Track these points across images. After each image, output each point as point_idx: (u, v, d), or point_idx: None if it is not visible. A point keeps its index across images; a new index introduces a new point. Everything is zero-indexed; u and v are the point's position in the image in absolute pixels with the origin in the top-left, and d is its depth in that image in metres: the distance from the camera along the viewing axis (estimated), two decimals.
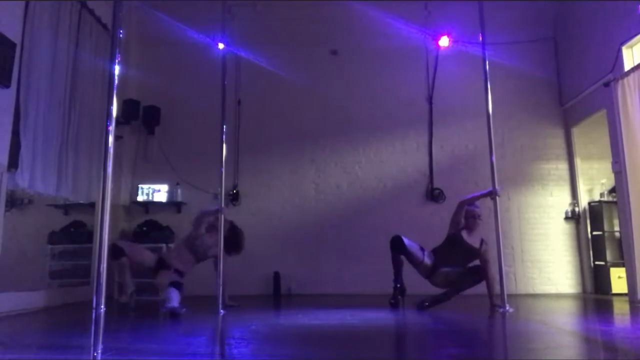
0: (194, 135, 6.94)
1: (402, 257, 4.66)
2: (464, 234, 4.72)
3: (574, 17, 6.73)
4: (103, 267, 2.17)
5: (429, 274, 4.73)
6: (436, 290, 4.77)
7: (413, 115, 7.05)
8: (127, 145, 6.85)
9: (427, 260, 4.70)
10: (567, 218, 6.75)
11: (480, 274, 4.66)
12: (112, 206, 2.20)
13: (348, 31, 7.17)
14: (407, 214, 6.69)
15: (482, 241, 4.75)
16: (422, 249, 4.75)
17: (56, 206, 6.35)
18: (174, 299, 4.32)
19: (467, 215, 4.75)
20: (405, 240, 4.66)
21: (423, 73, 7.15)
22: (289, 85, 6.92)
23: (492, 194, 4.56)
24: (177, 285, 4.52)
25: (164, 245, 6.44)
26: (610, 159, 5.65)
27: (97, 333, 2.08)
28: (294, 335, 3.18)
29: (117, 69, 2.37)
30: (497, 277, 4.46)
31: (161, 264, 4.79)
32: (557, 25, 7.15)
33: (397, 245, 4.64)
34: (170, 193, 6.85)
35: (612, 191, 6.28)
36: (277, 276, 6.52)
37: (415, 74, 7.14)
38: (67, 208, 6.46)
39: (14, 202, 5.77)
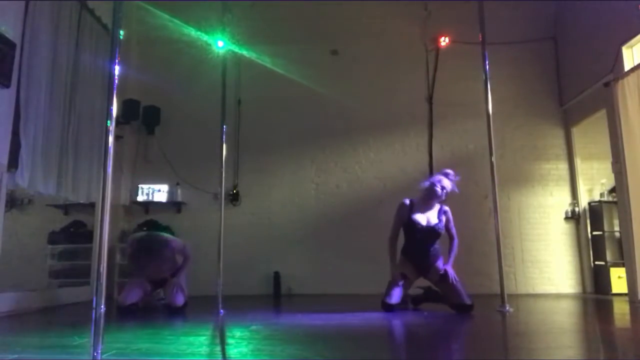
0: (194, 135, 6.94)
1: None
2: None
3: (574, 17, 6.73)
4: (103, 267, 2.16)
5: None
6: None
7: (413, 115, 7.05)
8: (127, 145, 6.85)
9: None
10: (567, 218, 6.75)
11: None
12: (112, 206, 2.20)
13: (348, 31, 7.17)
14: None
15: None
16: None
17: (56, 206, 6.36)
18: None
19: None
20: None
21: (423, 73, 7.15)
22: (289, 85, 6.91)
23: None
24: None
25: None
26: (610, 159, 5.65)
27: (97, 333, 2.07)
28: (294, 335, 3.17)
29: (117, 69, 2.37)
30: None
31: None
32: (557, 25, 7.15)
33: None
34: (170, 193, 6.86)
35: (612, 191, 6.29)
36: (277, 276, 6.52)
37: (415, 73, 7.14)
38: (67, 208, 6.46)
39: (14, 202, 5.78)
